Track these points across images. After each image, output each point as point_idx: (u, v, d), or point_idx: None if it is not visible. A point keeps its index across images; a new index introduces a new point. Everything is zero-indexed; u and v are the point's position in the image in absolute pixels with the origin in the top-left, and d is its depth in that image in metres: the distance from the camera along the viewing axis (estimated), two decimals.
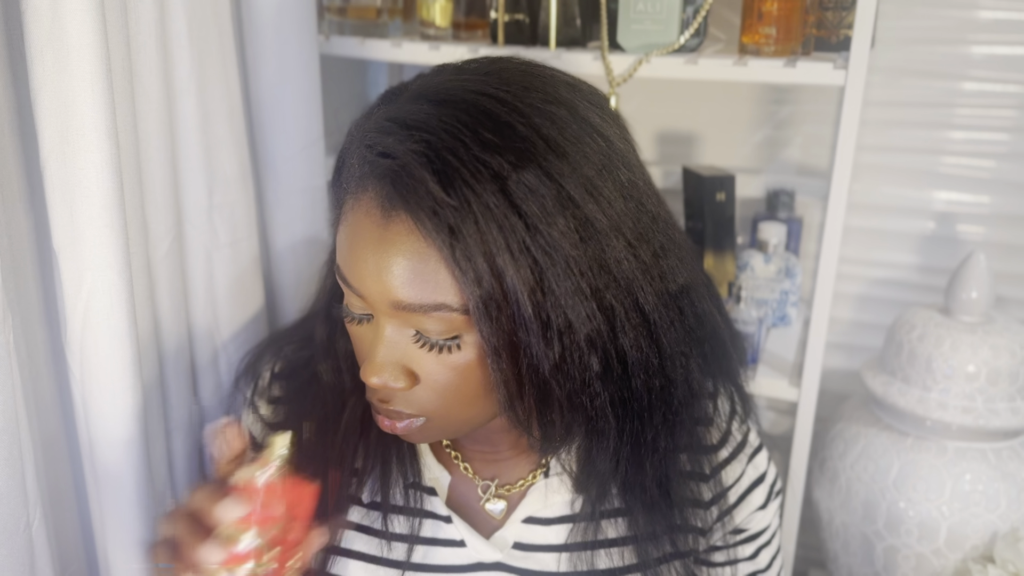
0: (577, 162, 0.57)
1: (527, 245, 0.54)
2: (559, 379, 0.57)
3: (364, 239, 0.57)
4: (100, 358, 0.64)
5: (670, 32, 0.90)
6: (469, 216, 0.53)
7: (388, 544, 0.70)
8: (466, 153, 0.54)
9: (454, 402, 0.61)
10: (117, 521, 0.69)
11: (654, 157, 1.30)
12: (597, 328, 0.57)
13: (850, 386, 1.26)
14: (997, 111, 1.16)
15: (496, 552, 0.70)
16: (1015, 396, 1.00)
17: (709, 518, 0.71)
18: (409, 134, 0.55)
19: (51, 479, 0.72)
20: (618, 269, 0.58)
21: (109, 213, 0.61)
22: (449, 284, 0.55)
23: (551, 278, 0.55)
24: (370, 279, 0.57)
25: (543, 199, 0.55)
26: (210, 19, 0.79)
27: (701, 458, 0.71)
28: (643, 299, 0.60)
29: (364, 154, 0.58)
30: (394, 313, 0.57)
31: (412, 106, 0.58)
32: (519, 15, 0.97)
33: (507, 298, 0.55)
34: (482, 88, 0.58)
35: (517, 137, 0.55)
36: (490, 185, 0.54)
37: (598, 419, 0.61)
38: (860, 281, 1.28)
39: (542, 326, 0.56)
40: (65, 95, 0.58)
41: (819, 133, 1.23)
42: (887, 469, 1.02)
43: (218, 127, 0.81)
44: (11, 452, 0.60)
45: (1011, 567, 0.95)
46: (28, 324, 0.68)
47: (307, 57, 0.93)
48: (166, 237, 0.75)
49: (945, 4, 1.14)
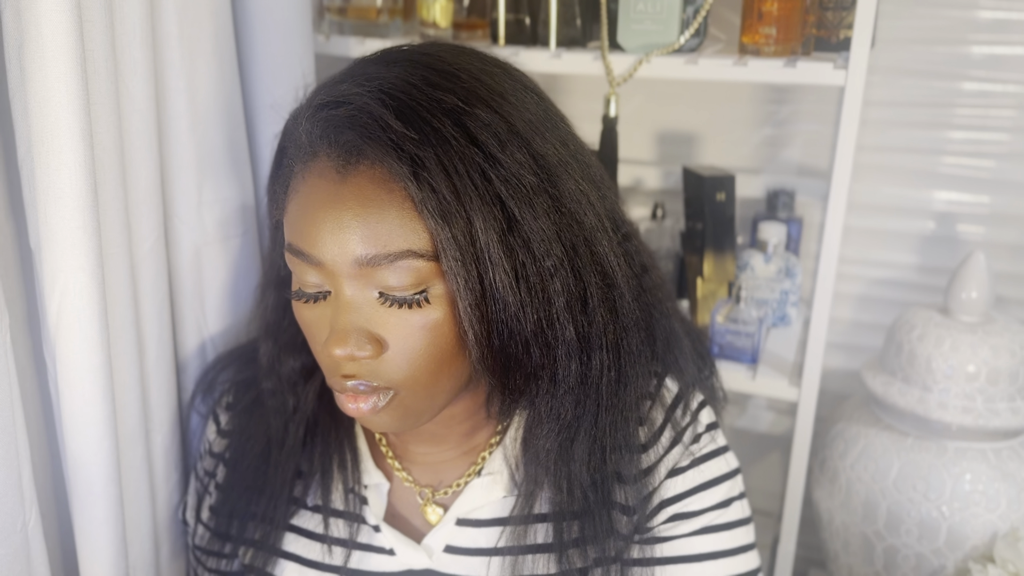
0: (518, 107, 0.60)
1: (488, 176, 0.55)
2: (525, 317, 0.57)
3: (319, 201, 0.57)
4: (72, 359, 0.64)
5: (670, 32, 0.90)
6: (430, 147, 0.54)
7: (324, 548, 0.71)
8: (419, 93, 0.56)
9: (423, 368, 0.59)
10: (86, 524, 0.69)
11: (654, 157, 1.30)
12: (560, 261, 0.58)
13: (850, 386, 1.26)
14: (997, 111, 1.16)
15: (425, 558, 0.70)
16: (1015, 396, 1.00)
17: (628, 523, 0.67)
18: (361, 84, 0.57)
19: (48, 478, 0.72)
20: (574, 204, 0.60)
21: (82, 215, 0.61)
22: (413, 227, 0.55)
23: (513, 208, 0.56)
24: (329, 239, 0.56)
25: (497, 132, 0.57)
26: (205, 19, 0.79)
27: (631, 458, 0.68)
28: (595, 239, 0.61)
29: (312, 119, 0.58)
30: (356, 272, 0.57)
31: (358, 69, 0.60)
32: (519, 15, 0.97)
33: (473, 231, 0.55)
34: (421, 54, 0.61)
35: (463, 83, 0.58)
36: (446, 119, 0.55)
37: (557, 367, 0.61)
38: (860, 281, 1.28)
39: (510, 257, 0.56)
40: (40, 96, 0.58)
41: (819, 133, 1.23)
42: (887, 469, 1.02)
43: (210, 126, 0.81)
44: (7, 451, 0.60)
45: (1011, 567, 0.94)
46: (25, 323, 0.68)
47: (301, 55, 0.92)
48: (150, 235, 0.75)
49: (945, 4, 1.14)
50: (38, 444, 0.71)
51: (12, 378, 0.60)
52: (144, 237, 0.75)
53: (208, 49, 0.80)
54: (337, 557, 0.70)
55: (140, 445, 0.76)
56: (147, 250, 0.75)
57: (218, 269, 0.85)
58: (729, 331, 1.02)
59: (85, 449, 0.66)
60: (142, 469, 0.76)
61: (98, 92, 0.65)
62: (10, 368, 0.60)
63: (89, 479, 0.67)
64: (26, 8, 0.56)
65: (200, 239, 0.83)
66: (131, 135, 0.72)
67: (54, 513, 0.74)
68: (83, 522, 0.68)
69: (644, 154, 1.31)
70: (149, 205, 0.75)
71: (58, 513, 0.74)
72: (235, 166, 0.86)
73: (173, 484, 0.83)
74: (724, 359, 1.02)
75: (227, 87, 0.83)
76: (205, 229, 0.83)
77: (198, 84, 0.79)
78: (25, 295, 0.68)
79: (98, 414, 0.66)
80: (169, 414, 0.81)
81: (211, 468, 0.78)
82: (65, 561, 0.75)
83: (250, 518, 0.73)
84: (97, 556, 0.69)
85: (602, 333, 0.62)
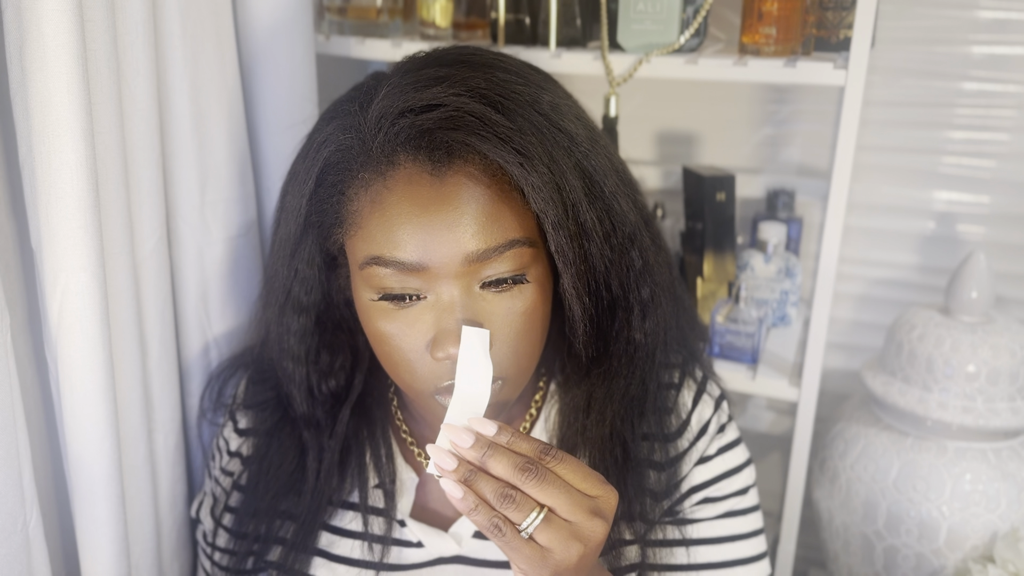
0: (563, 93, 0.66)
1: (575, 155, 0.60)
2: (611, 282, 0.63)
3: (416, 206, 0.57)
4: (74, 359, 0.64)
5: (670, 32, 0.90)
6: (531, 136, 0.57)
7: (356, 544, 0.72)
8: (502, 88, 0.59)
9: (524, 352, 0.62)
10: (88, 523, 0.69)
11: (654, 157, 1.30)
12: (635, 225, 0.64)
13: (850, 386, 1.25)
14: (997, 111, 1.16)
15: (455, 545, 0.71)
16: (1015, 396, 1.00)
17: (657, 508, 0.71)
18: (443, 86, 0.58)
19: (49, 478, 0.72)
20: (626, 177, 0.67)
21: (84, 214, 0.61)
22: (518, 215, 0.59)
23: (599, 182, 0.61)
24: (434, 243, 0.57)
25: (567, 115, 0.62)
26: (207, 19, 0.79)
27: (660, 446, 0.71)
28: (648, 212, 0.70)
29: (391, 130, 0.58)
30: (463, 271, 0.58)
31: (423, 73, 0.61)
32: (519, 15, 0.97)
33: (575, 207, 0.59)
34: (468, 54, 0.64)
35: (523, 74, 0.63)
36: (529, 109, 0.59)
37: (633, 332, 0.66)
38: (860, 281, 1.28)
39: (600, 226, 0.61)
40: (41, 96, 0.58)
41: (819, 133, 1.23)
42: (887, 469, 1.02)
43: (212, 126, 0.81)
44: (8, 451, 0.60)
45: (1011, 567, 0.94)
46: (26, 324, 0.68)
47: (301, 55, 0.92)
48: (152, 235, 0.75)
49: (945, 4, 1.14)
50: (39, 444, 0.71)
51: (13, 378, 0.60)
52: (146, 237, 0.75)
53: (210, 48, 0.80)
54: (375, 553, 0.71)
55: (142, 444, 0.76)
56: (149, 250, 0.75)
57: (221, 269, 0.85)
58: (729, 331, 1.02)
59: (87, 448, 0.66)
60: (144, 468, 0.76)
61: (100, 92, 0.65)
62: (11, 368, 0.60)
63: (91, 478, 0.67)
64: (27, 8, 0.56)
65: (203, 239, 0.83)
66: (133, 135, 0.72)
67: (55, 513, 0.74)
68: (85, 521, 0.68)
69: (644, 154, 1.31)
70: (151, 205, 0.75)
71: (59, 513, 0.74)
72: (237, 166, 0.86)
73: (176, 483, 0.83)
74: (724, 359, 1.02)
75: (229, 87, 0.83)
76: (208, 229, 0.83)
77: (200, 84, 0.79)
78: (26, 295, 0.68)
79: (99, 413, 0.66)
80: (172, 414, 0.81)
81: (229, 467, 0.77)
82: (66, 561, 0.75)
83: (280, 517, 0.73)
84: (99, 555, 0.69)
85: (660, 299, 0.67)
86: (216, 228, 0.83)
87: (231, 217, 0.85)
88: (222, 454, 0.78)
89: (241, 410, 0.78)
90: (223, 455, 0.78)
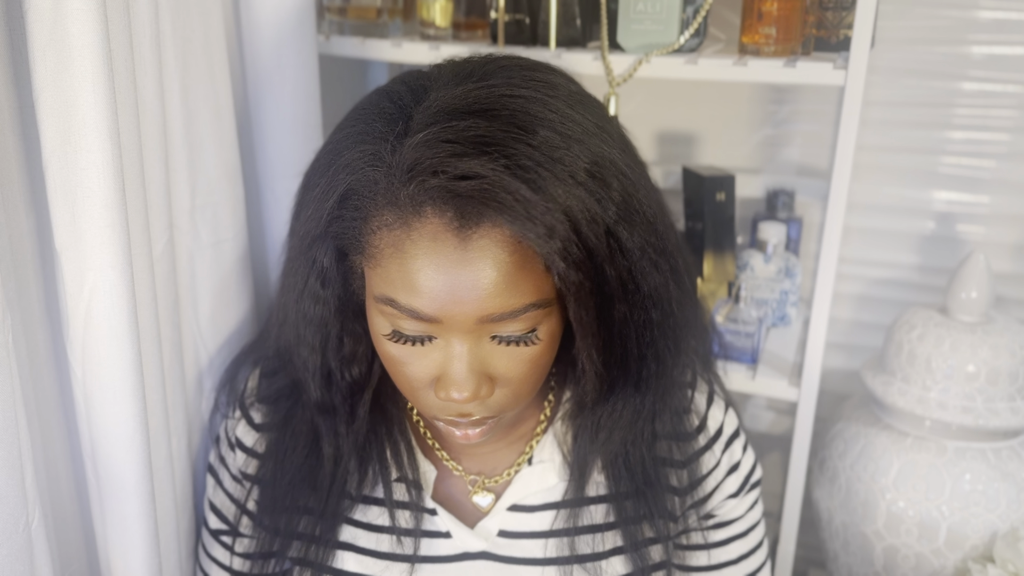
0: (609, 139, 0.63)
1: (607, 222, 0.59)
2: (629, 336, 0.64)
3: (438, 264, 0.56)
4: (102, 358, 0.64)
5: (670, 32, 0.90)
6: (561, 212, 0.56)
7: (381, 538, 0.72)
8: (541, 156, 0.56)
9: (525, 392, 0.64)
10: (118, 522, 0.69)
11: (654, 157, 1.30)
12: (660, 283, 0.63)
13: (850, 386, 1.26)
14: (997, 111, 1.16)
15: (481, 541, 0.72)
16: (1015, 396, 1.00)
17: (682, 505, 0.73)
18: (481, 160, 0.55)
19: (51, 479, 0.72)
20: (661, 226, 0.64)
21: (111, 213, 0.61)
22: (539, 281, 0.58)
23: (625, 244, 0.60)
24: (452, 302, 0.57)
25: (606, 172, 0.60)
26: (195, 18, 0.78)
27: (678, 445, 0.74)
28: (672, 244, 0.67)
29: (424, 186, 0.56)
30: (476, 328, 0.58)
31: (461, 123, 0.57)
32: (519, 15, 0.97)
33: (598, 271, 0.59)
34: (515, 96, 0.60)
35: (566, 132, 0.59)
36: (568, 181, 0.57)
37: (642, 364, 0.66)
38: (860, 281, 1.28)
39: (623, 288, 0.61)
40: (67, 95, 0.58)
41: (819, 133, 1.23)
42: (887, 469, 1.02)
43: (201, 128, 0.81)
44: (10, 452, 0.60)
45: (1011, 567, 0.95)
46: (28, 325, 0.68)
47: (306, 56, 0.92)
48: (161, 237, 0.75)
49: (945, 4, 1.14)
50: (40, 444, 0.71)
51: (14, 379, 0.60)
52: (158, 237, 0.75)
53: (198, 49, 0.79)
54: (407, 546, 0.72)
55: (164, 444, 0.76)
56: (160, 251, 0.75)
57: (209, 273, 0.84)
58: (729, 331, 1.02)
59: (116, 447, 0.67)
60: (167, 468, 0.77)
61: (120, 91, 0.64)
62: (12, 368, 0.60)
63: (121, 477, 0.68)
64: (52, 8, 0.56)
65: (192, 243, 0.82)
66: (145, 135, 0.72)
67: (56, 513, 0.74)
68: (115, 519, 0.69)
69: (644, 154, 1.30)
70: (160, 206, 0.75)
71: (60, 513, 0.74)
72: (224, 168, 0.85)
73: (186, 484, 0.83)
74: (724, 359, 1.02)
75: (217, 88, 0.83)
76: (197, 233, 0.82)
77: (189, 83, 0.79)
78: (27, 296, 0.68)
79: (129, 411, 0.66)
80: (183, 415, 0.81)
81: (244, 464, 0.76)
82: (66, 561, 0.75)
83: (301, 512, 0.73)
84: (132, 554, 0.70)
85: (681, 344, 0.69)
86: (206, 233, 0.83)
87: (220, 221, 0.85)
88: (235, 451, 0.77)
89: (255, 405, 0.77)
90: (237, 452, 0.77)
